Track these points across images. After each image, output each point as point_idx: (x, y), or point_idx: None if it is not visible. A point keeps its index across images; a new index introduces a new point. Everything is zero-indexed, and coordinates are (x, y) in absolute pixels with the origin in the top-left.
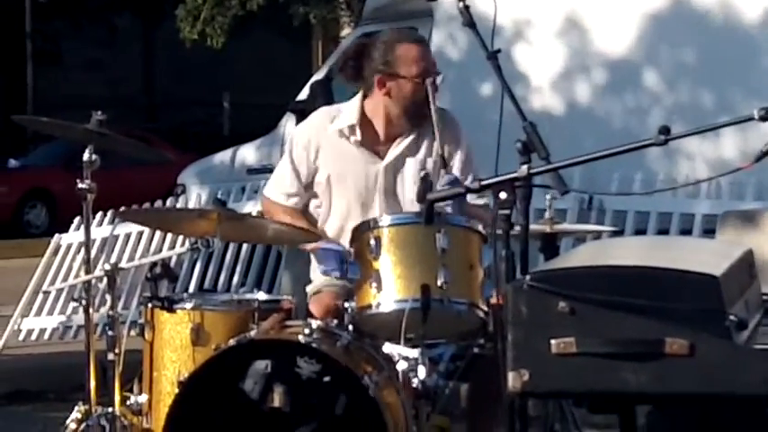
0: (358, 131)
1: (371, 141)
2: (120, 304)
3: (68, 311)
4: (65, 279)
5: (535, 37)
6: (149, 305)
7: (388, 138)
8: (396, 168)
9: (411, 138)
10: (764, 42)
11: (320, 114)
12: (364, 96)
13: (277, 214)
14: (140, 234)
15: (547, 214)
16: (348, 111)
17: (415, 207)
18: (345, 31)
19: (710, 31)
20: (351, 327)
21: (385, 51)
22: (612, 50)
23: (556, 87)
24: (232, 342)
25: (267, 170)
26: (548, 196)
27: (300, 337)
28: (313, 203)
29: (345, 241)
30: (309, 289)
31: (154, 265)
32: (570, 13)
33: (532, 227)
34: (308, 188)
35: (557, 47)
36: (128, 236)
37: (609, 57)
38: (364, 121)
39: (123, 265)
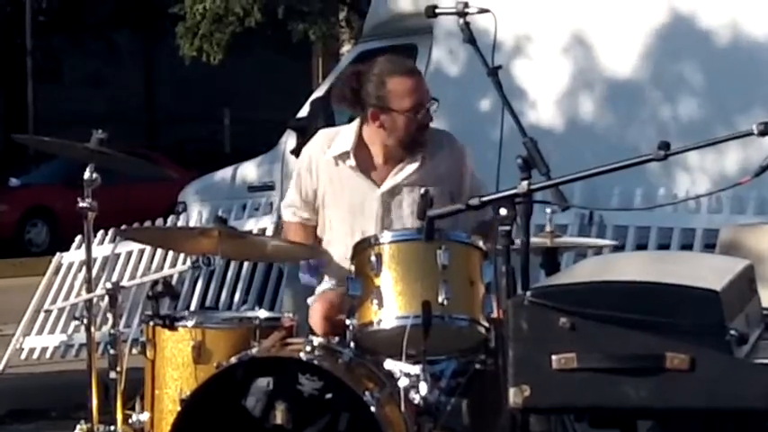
0: (352, 157)
1: (368, 167)
2: (122, 322)
3: (70, 330)
4: (66, 298)
5: (535, 52)
6: (151, 323)
7: (386, 163)
8: (392, 197)
9: (412, 167)
10: None
11: (319, 137)
12: (362, 122)
13: (289, 233)
14: (142, 252)
15: (547, 228)
16: (345, 135)
17: None
18: (345, 48)
19: (713, 48)
20: (352, 343)
21: (377, 85)
22: (612, 65)
23: (556, 103)
24: (233, 360)
25: (268, 187)
26: (548, 210)
27: (302, 355)
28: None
29: (342, 263)
30: (311, 300)
31: (155, 283)
32: (570, 29)
33: (533, 240)
34: (311, 207)
35: (556, 62)
36: (129, 254)
37: (609, 72)
38: (361, 146)
39: (125, 283)
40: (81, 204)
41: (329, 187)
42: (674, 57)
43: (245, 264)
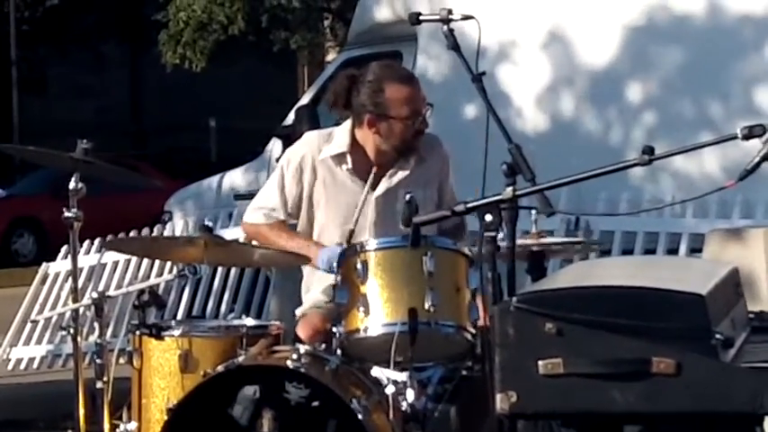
0: (349, 159)
1: (364, 168)
2: (109, 332)
3: (57, 340)
4: (53, 308)
5: (519, 58)
6: (137, 333)
7: (380, 165)
8: (388, 200)
9: (405, 172)
10: (749, 55)
11: (313, 137)
12: (354, 125)
13: (263, 235)
14: (128, 261)
15: (533, 229)
16: (339, 137)
17: None
18: (330, 56)
19: (697, 45)
20: (339, 351)
21: (374, 91)
22: (597, 69)
23: (541, 108)
24: (220, 368)
25: (254, 195)
26: (533, 212)
27: (289, 362)
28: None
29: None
30: (298, 312)
31: (141, 292)
32: (555, 34)
33: (519, 242)
34: (294, 209)
35: (541, 68)
36: (116, 263)
37: (594, 76)
38: (355, 147)
39: (111, 292)
40: (66, 214)
41: (322, 188)
42: (660, 60)
43: (232, 271)
